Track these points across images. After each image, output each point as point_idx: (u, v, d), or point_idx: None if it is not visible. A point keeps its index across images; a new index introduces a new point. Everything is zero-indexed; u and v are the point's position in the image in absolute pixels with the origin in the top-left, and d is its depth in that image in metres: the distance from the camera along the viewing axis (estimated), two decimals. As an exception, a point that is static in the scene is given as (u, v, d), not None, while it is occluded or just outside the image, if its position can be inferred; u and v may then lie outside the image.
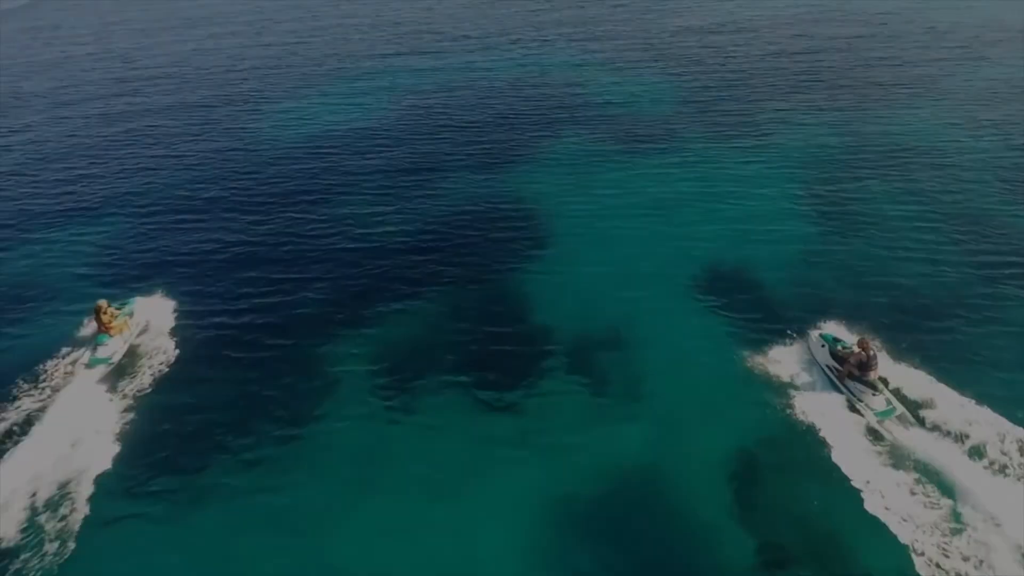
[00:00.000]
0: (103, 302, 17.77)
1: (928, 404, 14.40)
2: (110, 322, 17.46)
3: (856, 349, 14.95)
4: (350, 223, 23.96)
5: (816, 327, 16.88)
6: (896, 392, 14.83)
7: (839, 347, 15.66)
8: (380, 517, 13.11)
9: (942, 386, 14.67)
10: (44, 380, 16.64)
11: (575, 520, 12.94)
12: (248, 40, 59.95)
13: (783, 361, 16.17)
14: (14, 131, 38.02)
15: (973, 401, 14.17)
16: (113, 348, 17.33)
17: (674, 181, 25.92)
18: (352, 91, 40.60)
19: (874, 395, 14.56)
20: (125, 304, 18.93)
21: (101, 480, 13.83)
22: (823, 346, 16.03)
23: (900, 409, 14.38)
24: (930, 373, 15.13)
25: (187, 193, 27.38)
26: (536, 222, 23.47)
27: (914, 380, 15.02)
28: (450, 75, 42.68)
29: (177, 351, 17.65)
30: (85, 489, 13.57)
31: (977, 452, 13.26)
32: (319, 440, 14.84)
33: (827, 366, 15.64)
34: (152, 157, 31.93)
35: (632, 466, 13.96)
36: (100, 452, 14.43)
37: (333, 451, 14.53)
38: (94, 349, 17.24)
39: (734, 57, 42.58)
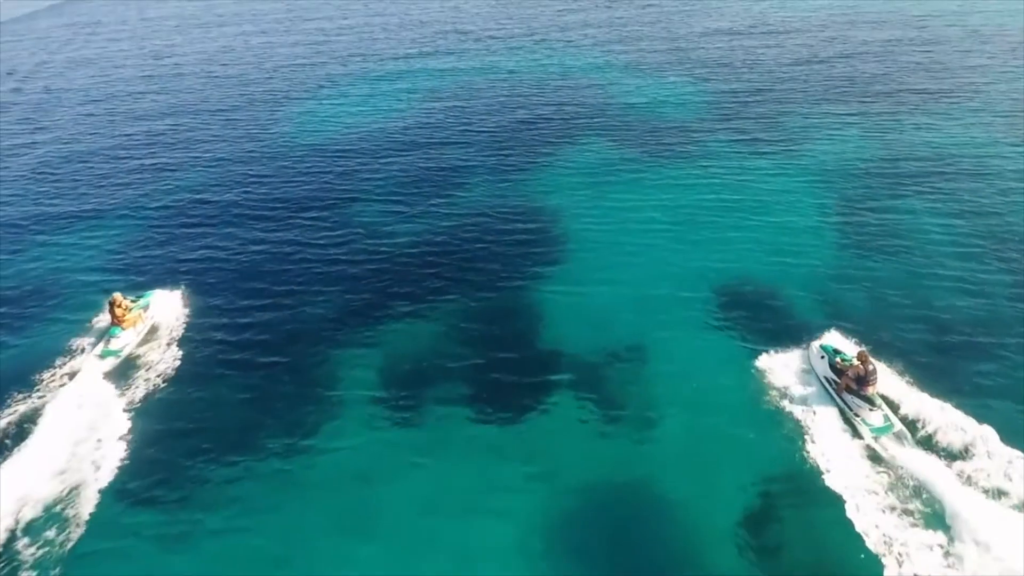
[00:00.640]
0: (118, 295, 18.21)
1: (965, 453, 13.23)
2: (123, 315, 17.84)
3: (855, 362, 14.52)
4: (359, 232, 23.50)
5: (817, 337, 16.43)
6: (929, 438, 13.70)
7: (838, 359, 15.25)
8: (372, 561, 12.28)
9: (984, 430, 13.46)
10: (51, 378, 16.85)
11: (579, 558, 12.28)
12: (276, 38, 60.25)
13: (792, 383, 15.50)
14: (41, 128, 38.55)
15: (1021, 454, 12.96)
16: (124, 341, 17.74)
17: (696, 193, 24.91)
18: (373, 92, 40.29)
19: (871, 410, 14.12)
20: (142, 296, 19.28)
21: (85, 510, 13.31)
22: (822, 357, 15.64)
23: (898, 426, 13.89)
24: (969, 414, 13.92)
25: (201, 197, 27.23)
26: (549, 235, 22.69)
27: (950, 421, 13.83)
28: (472, 77, 42.12)
29: (177, 363, 17.36)
30: (71, 513, 13.15)
31: (1021, 508, 12.17)
32: (310, 476, 14.01)
33: (825, 378, 15.23)
34: (171, 159, 31.95)
35: (639, 500, 13.26)
36: (87, 480, 13.96)
37: (324, 488, 13.73)
38: (107, 341, 17.68)
39: (763, 61, 41.23)
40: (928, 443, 13.61)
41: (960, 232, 21.31)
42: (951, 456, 13.23)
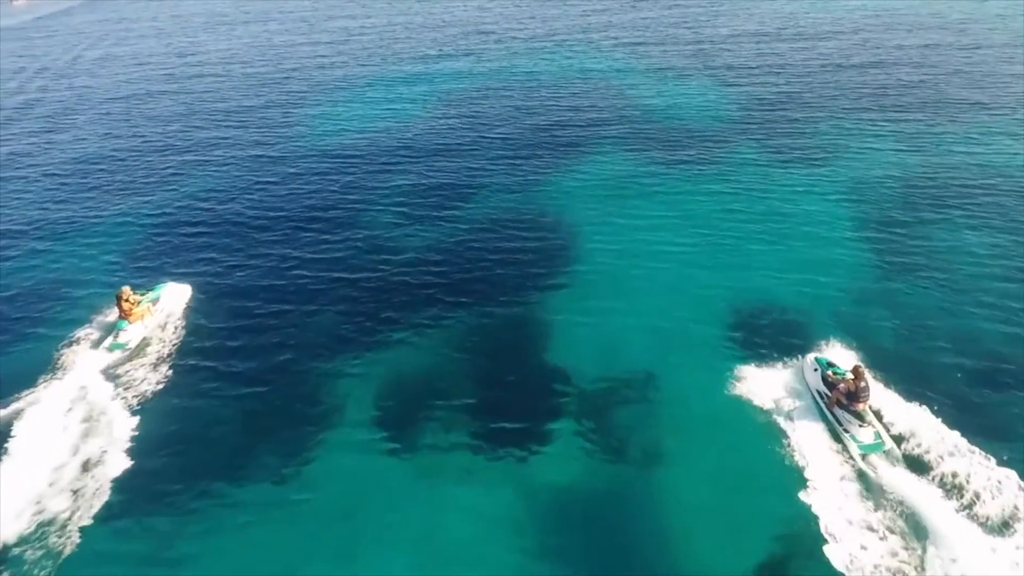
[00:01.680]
0: (126, 288, 18.41)
1: (1006, 528, 11.80)
2: (130, 309, 18.08)
3: (848, 376, 14.10)
4: (359, 246, 22.63)
5: (813, 349, 15.96)
6: (969, 505, 12.26)
7: (830, 372, 14.80)
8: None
9: None
10: (52, 375, 16.82)
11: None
12: (298, 38, 60.03)
13: (783, 396, 15.04)
14: (56, 129, 38.48)
15: None
16: (130, 335, 18.00)
17: (717, 210, 23.57)
18: (388, 95, 39.61)
19: (861, 426, 13.66)
20: (151, 290, 19.43)
21: (53, 552, 12.57)
22: (816, 370, 15.15)
23: (889, 444, 13.49)
24: (1014, 471, 12.58)
25: (204, 205, 26.62)
26: (557, 255, 21.53)
27: (991, 483, 12.42)
28: (489, 79, 41.19)
29: (161, 387, 16.63)
30: (30, 557, 12.43)
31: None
32: (284, 532, 12.94)
33: (817, 391, 14.80)
34: (180, 161, 31.55)
35: (643, 553, 12.30)
36: (61, 513, 13.26)
37: (307, 533, 12.77)
38: (115, 335, 17.94)
39: (792, 66, 39.58)
40: (967, 507, 12.18)
41: (1007, 259, 19.59)
42: (992, 530, 11.79)
